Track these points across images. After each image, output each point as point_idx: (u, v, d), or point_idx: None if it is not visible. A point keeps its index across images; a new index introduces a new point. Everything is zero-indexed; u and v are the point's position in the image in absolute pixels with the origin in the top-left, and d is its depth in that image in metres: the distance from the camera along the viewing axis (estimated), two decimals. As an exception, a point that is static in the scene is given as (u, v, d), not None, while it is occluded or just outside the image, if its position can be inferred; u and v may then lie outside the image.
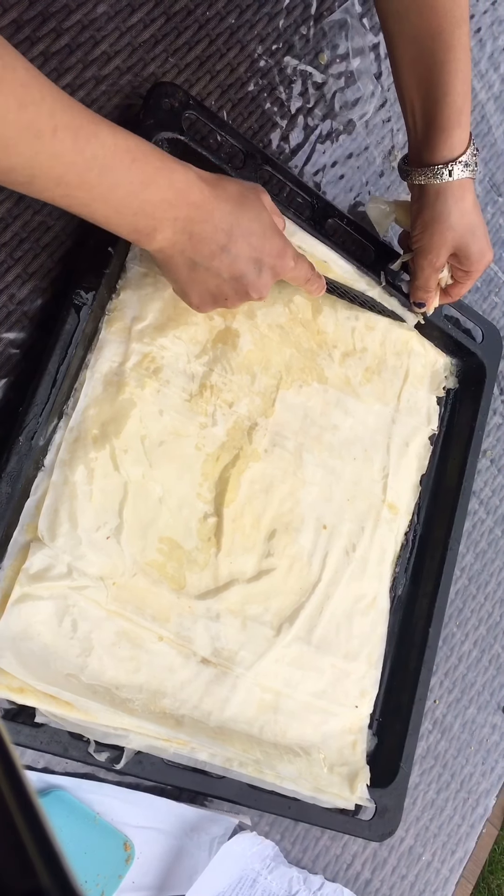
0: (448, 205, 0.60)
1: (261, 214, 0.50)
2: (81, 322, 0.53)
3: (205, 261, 0.48)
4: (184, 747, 0.52)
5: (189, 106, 0.58)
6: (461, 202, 0.60)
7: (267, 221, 0.51)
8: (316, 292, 0.59)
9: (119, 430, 0.54)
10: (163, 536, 0.55)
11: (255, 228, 0.49)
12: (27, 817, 0.18)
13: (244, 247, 0.49)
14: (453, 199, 0.59)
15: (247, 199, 0.50)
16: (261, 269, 0.50)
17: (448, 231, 0.61)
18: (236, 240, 0.48)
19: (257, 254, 0.50)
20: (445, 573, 0.67)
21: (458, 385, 0.74)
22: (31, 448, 0.50)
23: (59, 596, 0.50)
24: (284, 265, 0.52)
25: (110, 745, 0.50)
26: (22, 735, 0.47)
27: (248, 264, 0.50)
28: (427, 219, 0.61)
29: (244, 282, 0.50)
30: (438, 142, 0.58)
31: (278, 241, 0.51)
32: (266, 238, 0.50)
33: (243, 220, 0.49)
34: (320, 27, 0.70)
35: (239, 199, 0.49)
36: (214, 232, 0.48)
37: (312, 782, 0.57)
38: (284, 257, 0.52)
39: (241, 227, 0.49)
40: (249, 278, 0.50)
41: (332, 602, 0.62)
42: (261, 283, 0.51)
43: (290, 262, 0.53)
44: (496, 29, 0.82)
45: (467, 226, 0.61)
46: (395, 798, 0.61)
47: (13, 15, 0.56)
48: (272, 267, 0.51)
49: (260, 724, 0.57)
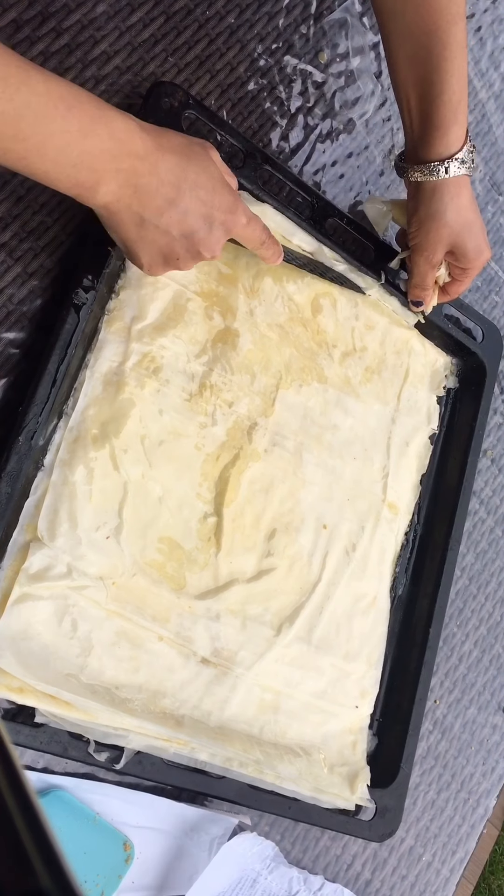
0: (444, 201, 0.59)
1: (209, 168, 0.48)
2: (81, 322, 0.53)
3: (153, 217, 0.46)
4: (184, 747, 0.52)
5: (189, 105, 0.58)
6: (457, 199, 0.59)
7: (216, 175, 0.49)
8: (272, 259, 0.57)
9: (119, 430, 0.54)
10: (162, 536, 0.55)
11: (202, 181, 0.47)
12: (27, 817, 0.18)
13: (193, 201, 0.47)
14: (449, 195, 0.59)
15: (193, 151, 0.48)
16: (211, 225, 0.48)
17: (444, 228, 0.60)
18: (184, 193, 0.46)
19: (207, 209, 0.48)
20: (446, 573, 0.67)
21: (458, 384, 0.74)
22: (31, 448, 0.50)
23: (58, 596, 0.50)
24: (236, 220, 0.50)
25: (110, 745, 0.50)
26: (22, 735, 0.47)
27: (199, 220, 0.48)
28: (423, 216, 0.61)
29: (195, 239, 0.48)
30: (434, 139, 0.58)
31: (228, 195, 0.49)
32: (216, 192, 0.48)
33: (190, 172, 0.47)
34: (320, 26, 0.70)
35: (185, 152, 0.47)
36: (160, 185, 0.46)
37: (313, 782, 0.57)
38: (236, 212, 0.50)
39: (188, 181, 0.47)
40: (200, 235, 0.48)
41: (333, 602, 0.62)
42: (212, 240, 0.49)
43: (242, 217, 0.51)
44: (496, 27, 0.82)
45: (464, 223, 0.61)
46: (395, 798, 0.61)
47: (13, 15, 0.55)
48: (223, 223, 0.49)
49: (260, 725, 0.57)
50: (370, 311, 0.68)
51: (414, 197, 0.61)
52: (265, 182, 0.63)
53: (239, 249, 0.60)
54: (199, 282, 0.59)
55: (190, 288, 0.58)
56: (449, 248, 0.62)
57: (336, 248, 0.65)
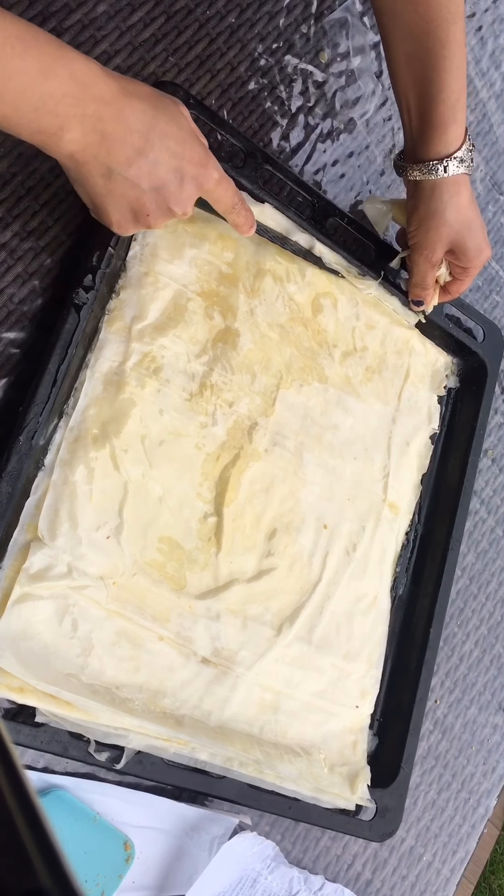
0: (443, 200, 0.59)
1: (178, 119, 0.46)
2: (81, 322, 0.53)
3: (121, 167, 0.44)
4: (184, 747, 0.52)
5: (189, 105, 0.58)
6: (456, 197, 0.59)
7: (186, 127, 0.47)
8: (244, 227, 0.55)
9: (119, 430, 0.54)
10: (163, 536, 0.55)
11: (172, 132, 0.45)
12: (27, 817, 0.18)
13: (162, 152, 0.45)
14: (448, 194, 0.59)
15: (162, 101, 0.46)
16: (182, 178, 0.47)
17: (444, 227, 0.60)
18: (153, 143, 0.44)
19: (177, 161, 0.46)
20: (446, 573, 0.67)
21: (459, 384, 0.74)
22: (32, 447, 0.50)
23: (59, 596, 0.50)
24: (208, 175, 0.48)
25: (110, 745, 0.50)
26: (22, 735, 0.47)
27: (169, 172, 0.46)
28: (422, 215, 0.60)
29: (165, 193, 0.46)
30: (433, 138, 0.57)
31: (199, 148, 0.48)
32: (186, 144, 0.46)
33: (160, 121, 0.45)
34: (321, 26, 0.70)
35: (152, 100, 0.45)
36: (128, 133, 0.44)
37: (313, 782, 0.57)
38: (207, 166, 0.48)
39: (157, 130, 0.45)
40: (170, 189, 0.46)
41: (333, 602, 0.62)
42: (183, 195, 0.47)
43: (214, 172, 0.49)
44: (497, 27, 0.82)
45: (463, 221, 0.60)
46: (395, 798, 0.61)
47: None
48: (195, 177, 0.47)
49: (260, 724, 0.57)
50: (371, 310, 0.68)
51: (413, 196, 0.61)
52: (266, 181, 0.63)
53: (239, 249, 0.60)
54: (200, 281, 0.59)
55: (190, 288, 0.58)
56: (449, 247, 0.62)
57: (336, 247, 0.65)
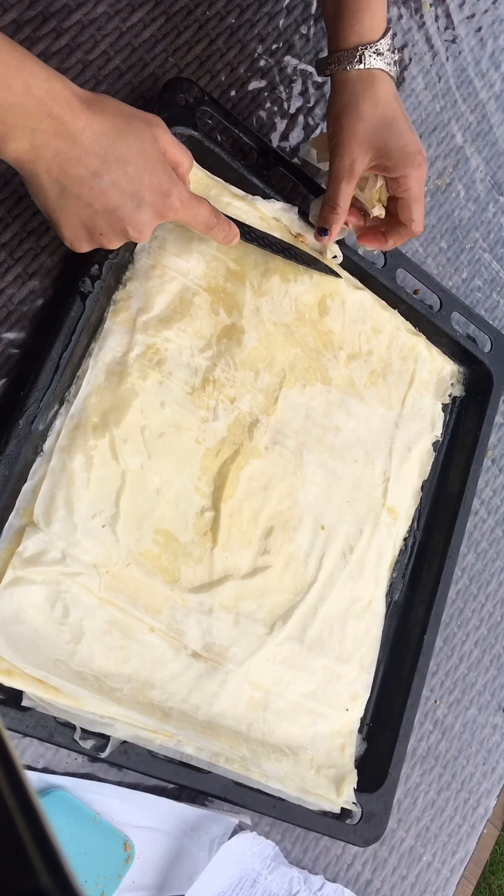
0: (356, 92, 0.54)
1: (144, 144, 0.45)
2: (87, 310, 0.53)
3: (73, 186, 0.43)
4: (170, 739, 0.52)
5: (203, 102, 0.58)
6: (371, 90, 0.54)
7: (151, 153, 0.46)
8: (225, 241, 0.54)
9: (119, 420, 0.54)
10: (159, 528, 0.55)
11: (132, 157, 0.45)
12: (27, 817, 0.18)
13: (119, 176, 0.44)
14: (362, 86, 0.54)
15: (130, 125, 0.45)
16: (139, 204, 0.46)
17: (358, 122, 0.54)
18: (111, 166, 0.44)
19: (134, 186, 0.45)
20: (443, 580, 0.67)
21: (464, 393, 0.74)
22: (31, 432, 0.50)
23: (51, 581, 0.50)
24: (168, 204, 0.47)
25: (96, 734, 0.50)
26: (8, 718, 0.46)
27: (123, 196, 0.45)
28: (338, 111, 0.55)
29: (119, 215, 0.45)
30: (348, 26, 0.54)
31: (163, 177, 0.46)
32: (146, 171, 0.45)
33: (120, 145, 0.44)
34: (320, 26, 0.70)
35: (118, 124, 0.44)
36: (84, 154, 0.43)
37: (299, 783, 0.57)
38: (169, 196, 0.47)
39: (116, 153, 0.44)
40: (125, 212, 0.45)
41: (327, 603, 0.61)
42: (139, 219, 0.46)
43: (175, 202, 0.48)
44: (497, 28, 0.82)
45: (381, 117, 0.55)
46: (382, 804, 0.61)
47: (13, 15, 0.56)
48: (152, 204, 0.46)
49: (248, 722, 0.57)
50: (378, 314, 0.68)
51: (331, 96, 0.57)
52: (277, 181, 0.63)
53: (247, 246, 0.60)
54: (207, 277, 0.59)
55: (197, 283, 0.58)
56: (370, 152, 0.56)
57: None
